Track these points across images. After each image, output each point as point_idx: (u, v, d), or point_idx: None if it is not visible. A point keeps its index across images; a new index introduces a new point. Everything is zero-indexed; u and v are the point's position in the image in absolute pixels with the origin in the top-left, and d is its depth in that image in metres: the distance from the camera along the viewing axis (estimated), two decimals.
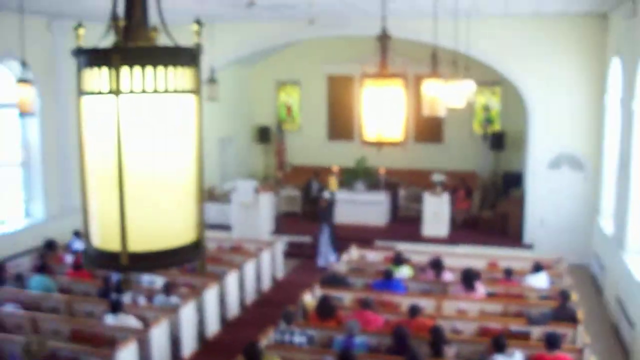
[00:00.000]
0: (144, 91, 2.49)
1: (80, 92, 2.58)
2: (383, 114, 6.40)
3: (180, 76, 2.57)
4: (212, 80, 17.61)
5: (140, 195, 2.52)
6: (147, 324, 10.87)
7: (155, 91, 2.51)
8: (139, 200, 2.52)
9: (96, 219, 2.61)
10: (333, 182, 18.02)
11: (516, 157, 21.46)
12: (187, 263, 2.76)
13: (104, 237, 2.59)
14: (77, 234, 15.61)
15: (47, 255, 14.32)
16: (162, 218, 2.58)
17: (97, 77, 2.51)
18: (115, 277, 12.54)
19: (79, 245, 15.24)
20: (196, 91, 2.67)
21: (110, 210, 2.52)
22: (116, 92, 2.47)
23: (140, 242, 2.54)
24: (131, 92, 2.48)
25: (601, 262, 15.47)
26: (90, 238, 2.66)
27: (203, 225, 2.76)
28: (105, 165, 2.54)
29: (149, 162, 2.54)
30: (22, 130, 16.45)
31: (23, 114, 12.49)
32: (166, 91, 2.53)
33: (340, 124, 24.05)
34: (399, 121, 6.46)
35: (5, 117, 16.00)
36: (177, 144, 2.60)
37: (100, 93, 2.51)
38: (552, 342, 9.19)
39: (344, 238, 16.98)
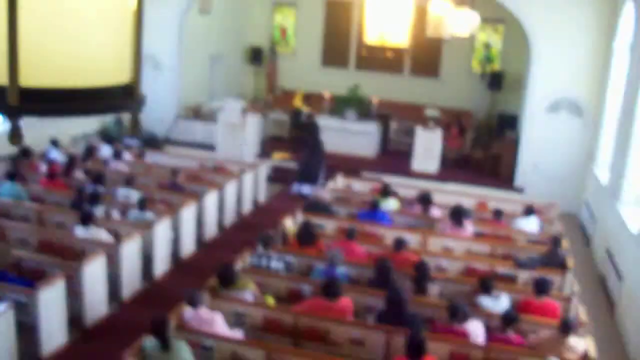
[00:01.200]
0: None
1: None
2: (388, 15, 5.81)
3: None
4: None
5: (40, 3, 1.88)
6: (118, 239, 10.46)
7: None
8: (38, 11, 1.87)
9: None
10: (298, 99, 17.31)
11: (513, 99, 20.98)
12: (110, 112, 2.15)
13: None
14: (54, 142, 15.13)
15: (20, 162, 13.82)
16: (73, 39, 1.93)
17: None
18: (89, 188, 12.10)
19: (55, 154, 14.80)
20: None
21: None
22: None
23: (38, 74, 1.89)
24: None
25: (592, 211, 15.14)
26: None
27: (139, 65, 2.15)
28: None
29: None
30: None
31: None
32: None
33: (336, 51, 23.37)
34: (405, 25, 5.88)
35: None
36: None
37: None
38: (540, 287, 8.85)
39: (331, 167, 16.52)
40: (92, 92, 2.00)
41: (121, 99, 2.13)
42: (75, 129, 17.81)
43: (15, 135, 2.09)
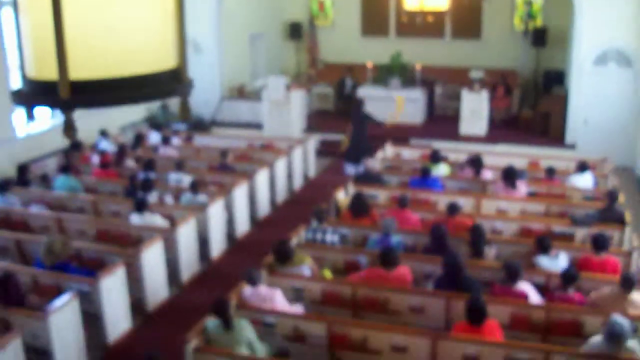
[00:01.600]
0: None
1: None
2: None
3: None
4: None
5: None
6: (174, 223, 10.58)
7: None
8: (82, 3, 1.88)
9: (29, 37, 1.96)
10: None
11: (559, 54, 20.62)
12: (160, 98, 2.14)
13: (39, 63, 1.94)
14: (103, 133, 15.34)
15: (72, 155, 14.05)
16: (118, 30, 1.93)
17: None
18: (141, 175, 12.25)
19: (105, 145, 15.01)
20: None
21: (42, 19, 1.86)
22: None
23: (87, 66, 1.89)
24: None
25: None
26: (24, 69, 2.04)
27: (185, 49, 2.14)
28: None
29: None
30: None
31: None
32: None
33: (375, 20, 23.16)
34: None
35: None
36: None
37: None
38: (599, 243, 8.73)
39: (378, 136, 16.45)
40: (141, 80, 2.02)
41: (169, 84, 2.14)
42: (123, 118, 18.01)
43: (69, 128, 2.11)
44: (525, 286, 7.86)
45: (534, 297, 7.83)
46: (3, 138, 14.56)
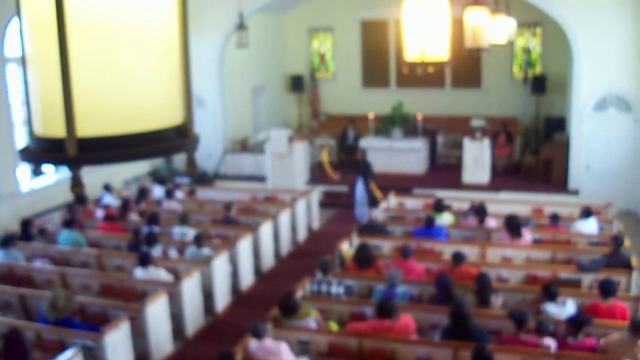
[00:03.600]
0: None
1: None
2: (426, 30, 5.76)
3: None
4: (241, 26, 17.01)
5: (92, 53, 1.85)
6: (178, 277, 10.53)
7: None
8: (90, 60, 1.86)
9: (36, 94, 1.97)
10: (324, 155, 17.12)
11: (558, 100, 20.75)
12: (166, 155, 2.13)
13: (46, 120, 1.93)
14: (107, 187, 15.36)
15: (76, 209, 14.03)
16: (126, 87, 1.92)
17: None
18: (145, 229, 12.22)
19: (108, 199, 15.01)
20: None
21: (50, 76, 1.86)
22: None
23: (94, 123, 1.87)
24: None
25: None
26: (32, 126, 2.04)
27: (191, 105, 2.14)
28: (41, 6, 1.88)
29: (105, 3, 1.89)
30: None
31: None
32: None
33: (375, 71, 23.38)
34: (444, 38, 5.83)
35: None
36: None
37: None
38: (607, 289, 8.66)
39: (381, 187, 16.46)
40: (148, 137, 2.01)
41: (176, 140, 2.13)
42: (127, 172, 18.07)
43: (76, 184, 2.11)
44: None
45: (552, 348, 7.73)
46: (7, 193, 14.60)
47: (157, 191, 15.92)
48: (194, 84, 13.88)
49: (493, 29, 11.32)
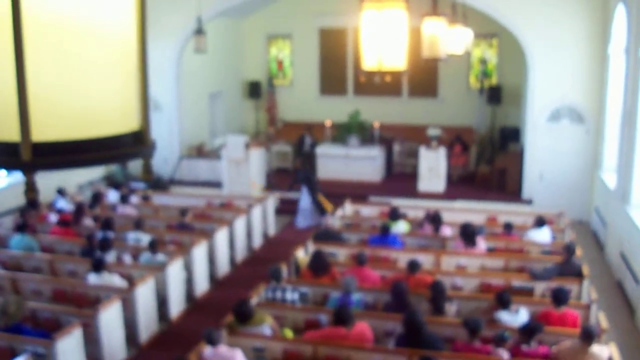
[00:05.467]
0: None
1: None
2: (384, 39, 5.79)
3: None
4: (199, 31, 16.91)
5: (48, 57, 1.84)
6: (132, 283, 10.43)
7: None
8: (46, 63, 1.84)
9: None
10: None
11: (513, 111, 21.02)
12: (122, 161, 2.12)
13: (0, 124, 1.93)
14: (60, 192, 15.17)
15: (29, 214, 13.83)
16: (82, 91, 1.90)
17: None
18: (99, 234, 12.09)
19: (62, 203, 14.83)
20: None
21: (4, 79, 1.83)
22: None
23: (50, 128, 1.85)
24: None
25: (603, 217, 15.07)
26: None
27: (148, 111, 2.13)
28: None
29: (61, 5, 1.87)
30: None
31: None
32: None
33: (333, 79, 23.46)
34: (401, 47, 5.87)
35: None
36: None
37: None
38: (559, 297, 8.78)
39: (337, 194, 16.51)
40: (104, 142, 1.99)
41: (132, 146, 2.11)
42: (81, 176, 17.86)
43: (30, 190, 2.07)
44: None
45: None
46: None
47: (112, 196, 15.77)
48: (151, 88, 13.78)
49: (450, 40, 11.42)
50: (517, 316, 8.70)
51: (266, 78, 23.91)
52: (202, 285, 12.43)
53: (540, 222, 12.40)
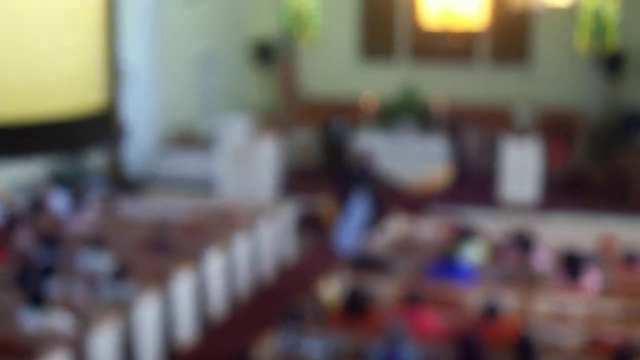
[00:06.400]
0: None
1: None
2: None
3: None
4: None
5: None
6: (86, 326, 10.46)
7: None
8: None
9: None
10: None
11: None
12: (76, 150, 2.09)
13: None
14: None
15: None
16: (25, 55, 1.89)
17: None
18: (40, 255, 12.15)
19: None
20: None
21: None
22: None
23: None
24: None
25: None
26: None
27: (116, 81, 2.09)
28: None
29: None
30: None
31: None
32: None
33: (377, 37, 23.43)
34: None
35: None
36: None
37: None
38: None
39: (381, 203, 16.48)
40: (49, 123, 1.96)
41: (92, 129, 2.09)
42: (15, 175, 17.95)
43: None
44: None
45: None
46: None
47: (60, 202, 15.83)
48: (120, 51, 13.87)
49: None
50: None
51: (281, 36, 23.89)
52: (186, 331, 12.44)
53: None
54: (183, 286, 12.31)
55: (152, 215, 15.27)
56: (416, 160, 19.20)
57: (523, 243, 12.60)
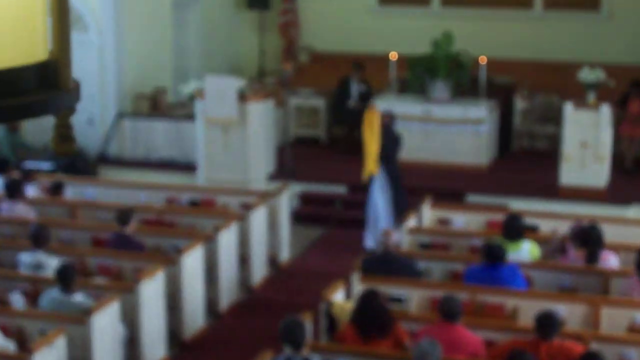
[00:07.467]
0: None
1: None
2: None
3: None
4: None
5: None
6: (25, 345, 10.48)
7: None
8: None
9: None
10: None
11: None
12: (15, 118, 2.10)
13: None
14: None
15: None
16: None
17: None
18: None
19: None
20: None
21: None
22: None
23: None
24: None
25: None
26: None
27: (65, 31, 2.09)
28: None
29: None
30: None
31: None
32: None
33: None
34: None
35: None
36: None
37: None
38: None
39: (411, 189, 16.51)
40: None
41: (36, 90, 2.09)
42: None
43: None
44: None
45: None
46: None
47: None
48: None
49: None
50: None
51: None
52: (155, 351, 12.46)
53: None
54: (150, 294, 12.28)
55: (111, 202, 15.27)
56: (452, 131, 19.19)
57: (588, 242, 12.59)
